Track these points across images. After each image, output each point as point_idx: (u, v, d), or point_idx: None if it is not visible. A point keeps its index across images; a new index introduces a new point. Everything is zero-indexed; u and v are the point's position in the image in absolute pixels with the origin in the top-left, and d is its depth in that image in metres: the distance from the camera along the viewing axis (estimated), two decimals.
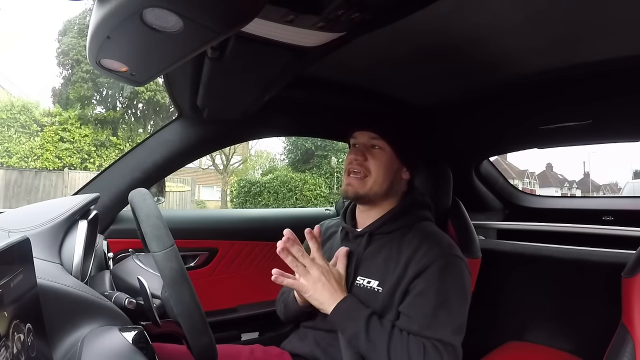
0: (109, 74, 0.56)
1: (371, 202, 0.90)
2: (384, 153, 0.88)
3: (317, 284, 0.79)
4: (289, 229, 0.81)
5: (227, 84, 0.84)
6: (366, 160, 0.88)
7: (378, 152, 0.88)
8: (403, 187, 0.93)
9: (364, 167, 0.87)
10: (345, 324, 0.77)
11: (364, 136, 0.89)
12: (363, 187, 0.87)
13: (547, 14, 0.73)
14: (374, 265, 0.85)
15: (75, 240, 0.69)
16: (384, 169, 0.87)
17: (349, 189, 0.88)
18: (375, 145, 0.89)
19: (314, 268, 0.79)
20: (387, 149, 0.88)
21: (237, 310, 1.34)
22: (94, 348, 0.48)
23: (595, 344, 0.89)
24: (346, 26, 0.59)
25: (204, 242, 1.34)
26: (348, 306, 0.78)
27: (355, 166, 0.88)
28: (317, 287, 0.79)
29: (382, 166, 0.87)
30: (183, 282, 0.58)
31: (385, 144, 0.88)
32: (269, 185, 10.93)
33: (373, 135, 0.88)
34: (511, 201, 1.77)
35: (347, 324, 0.77)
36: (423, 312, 0.76)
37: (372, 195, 0.88)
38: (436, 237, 0.85)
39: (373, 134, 0.88)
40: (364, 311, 0.77)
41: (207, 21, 0.41)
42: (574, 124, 1.15)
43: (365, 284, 0.84)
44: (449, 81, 1.10)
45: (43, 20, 33.02)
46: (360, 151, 0.88)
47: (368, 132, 0.89)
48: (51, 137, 11.56)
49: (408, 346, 0.73)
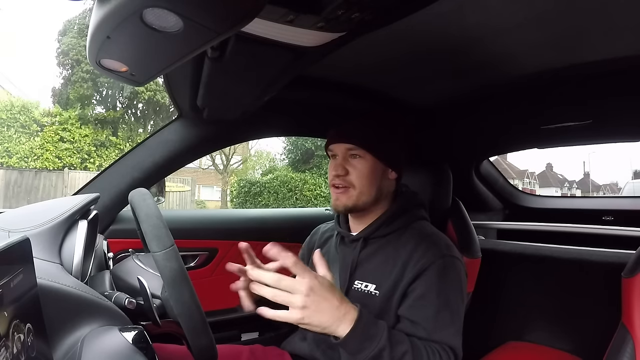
0: (109, 74, 0.56)
1: (363, 210, 0.88)
2: (364, 161, 0.85)
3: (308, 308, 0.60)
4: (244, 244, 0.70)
5: (227, 84, 0.83)
6: (347, 173, 0.85)
7: (358, 162, 0.85)
8: (392, 186, 0.91)
9: (346, 181, 0.85)
10: (366, 344, 0.63)
11: (340, 148, 0.87)
12: (350, 199, 0.85)
13: (547, 14, 0.72)
14: (370, 268, 0.84)
15: (75, 240, 0.69)
16: (368, 178, 0.85)
17: (339, 204, 0.87)
18: (354, 155, 0.86)
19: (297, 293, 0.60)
20: (367, 156, 0.85)
21: (237, 310, 1.34)
22: (94, 348, 0.48)
23: (595, 344, 0.89)
24: (346, 26, 0.59)
25: (204, 242, 1.34)
26: (366, 323, 0.64)
27: (339, 182, 0.86)
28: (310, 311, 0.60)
29: (365, 175, 0.85)
30: (183, 282, 0.58)
31: (364, 152, 0.85)
32: (269, 185, 10.92)
33: (349, 146, 0.86)
34: (511, 201, 1.77)
35: (367, 343, 0.63)
36: (426, 315, 0.74)
37: (362, 204, 0.86)
38: (433, 237, 0.84)
39: (349, 144, 0.86)
40: (382, 324, 0.67)
41: (207, 21, 0.41)
42: (574, 124, 1.15)
43: (363, 288, 0.83)
44: (449, 81, 1.10)
45: (43, 20, 33.10)
46: (339, 165, 0.86)
47: (343, 143, 0.86)
48: (51, 137, 11.56)
49: (427, 353, 0.69)
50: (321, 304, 0.60)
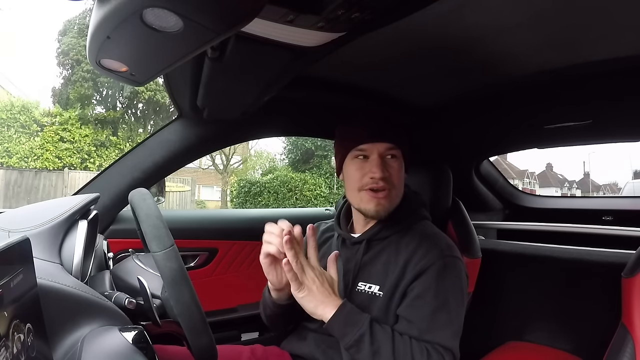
0: (109, 74, 0.56)
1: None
2: (399, 161, 0.84)
3: (312, 286, 0.73)
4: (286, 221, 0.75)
5: (227, 84, 0.83)
6: (388, 174, 0.82)
7: (395, 162, 0.83)
8: None
9: (389, 183, 0.82)
10: (347, 329, 0.73)
11: (379, 148, 0.82)
12: (391, 204, 0.83)
13: (547, 14, 0.73)
14: (374, 270, 0.84)
15: (75, 240, 0.69)
16: (402, 179, 0.85)
17: (380, 209, 0.82)
18: (392, 155, 0.83)
19: (309, 269, 0.74)
20: (400, 155, 0.84)
21: (237, 310, 1.34)
22: (94, 348, 0.48)
23: (595, 344, 0.89)
24: (346, 26, 0.59)
25: (204, 242, 1.34)
26: (349, 310, 0.74)
27: (383, 184, 0.81)
28: (312, 289, 0.73)
29: (401, 176, 0.85)
30: (183, 282, 0.58)
31: (399, 152, 0.84)
32: (269, 185, 10.93)
33: (390, 145, 0.82)
34: (511, 201, 1.77)
35: (349, 328, 0.72)
36: (422, 315, 0.75)
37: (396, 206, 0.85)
38: (434, 238, 0.84)
39: (390, 144, 0.82)
40: (366, 315, 0.74)
41: (207, 21, 0.41)
42: (574, 124, 1.15)
43: (367, 289, 0.83)
44: (449, 81, 1.10)
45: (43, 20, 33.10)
46: (380, 166, 0.81)
47: (385, 143, 0.82)
48: (51, 137, 11.55)
49: (412, 350, 0.71)
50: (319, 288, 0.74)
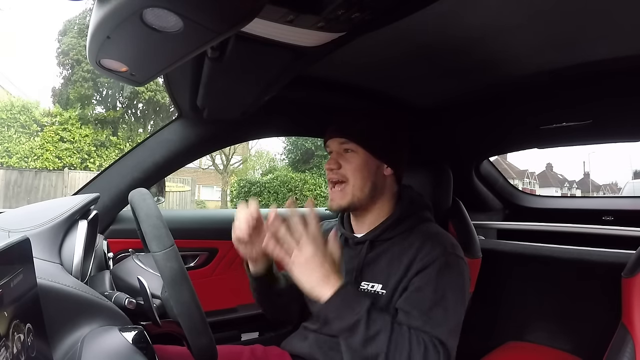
0: (109, 74, 0.56)
1: (359, 208, 0.89)
2: (357, 155, 0.87)
3: (309, 262, 0.69)
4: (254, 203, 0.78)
5: (227, 84, 0.83)
6: (340, 167, 0.87)
7: (351, 156, 0.87)
8: (391, 185, 0.91)
9: (339, 174, 0.87)
10: (344, 312, 0.69)
11: (334, 143, 0.89)
12: (344, 198, 0.86)
13: (547, 14, 0.73)
14: (377, 269, 0.84)
15: (75, 240, 0.69)
16: (361, 172, 0.86)
17: (332, 204, 0.88)
18: (347, 149, 0.87)
19: (309, 244, 0.70)
20: (359, 150, 0.86)
21: (237, 310, 1.34)
22: (94, 348, 0.48)
23: (595, 344, 0.89)
24: (346, 26, 0.59)
25: (204, 242, 1.34)
26: (349, 292, 0.71)
27: (332, 175, 0.87)
28: (310, 266, 0.69)
29: (357, 169, 0.86)
30: (183, 282, 0.58)
31: (356, 146, 0.86)
32: (269, 185, 10.93)
33: (342, 140, 0.87)
34: (511, 201, 1.77)
35: (346, 311, 0.69)
36: (420, 308, 0.74)
37: (357, 202, 0.87)
38: (439, 237, 0.84)
39: (342, 139, 0.87)
40: (365, 299, 0.71)
41: (207, 21, 0.41)
42: (574, 124, 1.15)
43: (370, 288, 0.83)
44: (449, 81, 1.10)
45: (43, 20, 33.11)
46: (333, 159, 0.88)
47: (337, 138, 0.88)
48: (51, 137, 11.55)
49: (410, 339, 0.69)
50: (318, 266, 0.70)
